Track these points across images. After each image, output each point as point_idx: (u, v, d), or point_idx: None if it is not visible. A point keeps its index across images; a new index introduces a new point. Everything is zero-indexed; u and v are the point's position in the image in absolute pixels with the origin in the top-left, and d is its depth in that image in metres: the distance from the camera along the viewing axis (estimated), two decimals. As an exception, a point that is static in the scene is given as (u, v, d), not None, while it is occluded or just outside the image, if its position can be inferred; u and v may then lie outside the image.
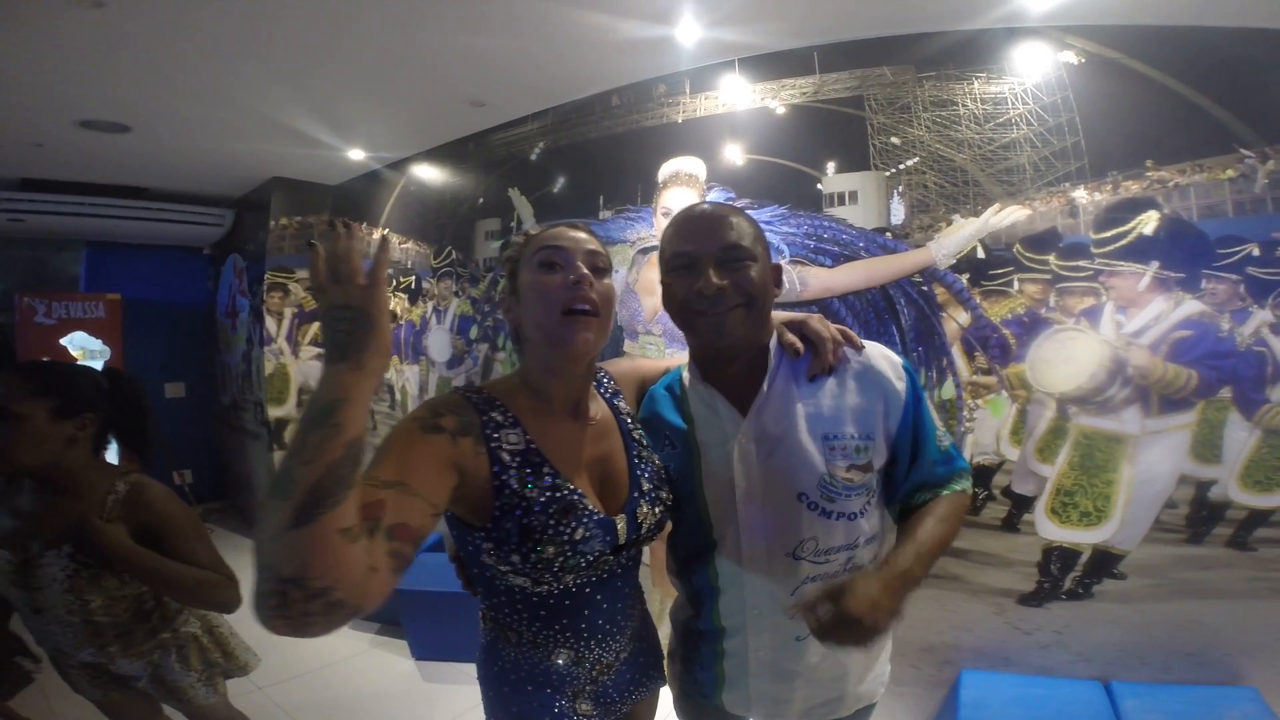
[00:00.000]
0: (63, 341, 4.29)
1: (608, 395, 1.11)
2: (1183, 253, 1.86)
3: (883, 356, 1.05)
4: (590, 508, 0.92)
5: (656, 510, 1.01)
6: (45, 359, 1.55)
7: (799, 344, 1.05)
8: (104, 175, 4.08)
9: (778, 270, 1.07)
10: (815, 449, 1.00)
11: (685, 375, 1.11)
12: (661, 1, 2.05)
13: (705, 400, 1.06)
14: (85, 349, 4.39)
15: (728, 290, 0.97)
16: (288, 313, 4.34)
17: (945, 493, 1.05)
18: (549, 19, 2.15)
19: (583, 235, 1.01)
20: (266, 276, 4.23)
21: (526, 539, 0.86)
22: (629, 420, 1.09)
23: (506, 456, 0.89)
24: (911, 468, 1.05)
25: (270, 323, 4.26)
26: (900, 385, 1.03)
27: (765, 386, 1.02)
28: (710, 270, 0.97)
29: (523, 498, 0.88)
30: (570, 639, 0.96)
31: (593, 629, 0.98)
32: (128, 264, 4.80)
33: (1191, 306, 1.85)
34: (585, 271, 0.95)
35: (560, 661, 0.96)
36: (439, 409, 0.88)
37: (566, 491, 0.90)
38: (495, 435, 0.90)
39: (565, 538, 0.88)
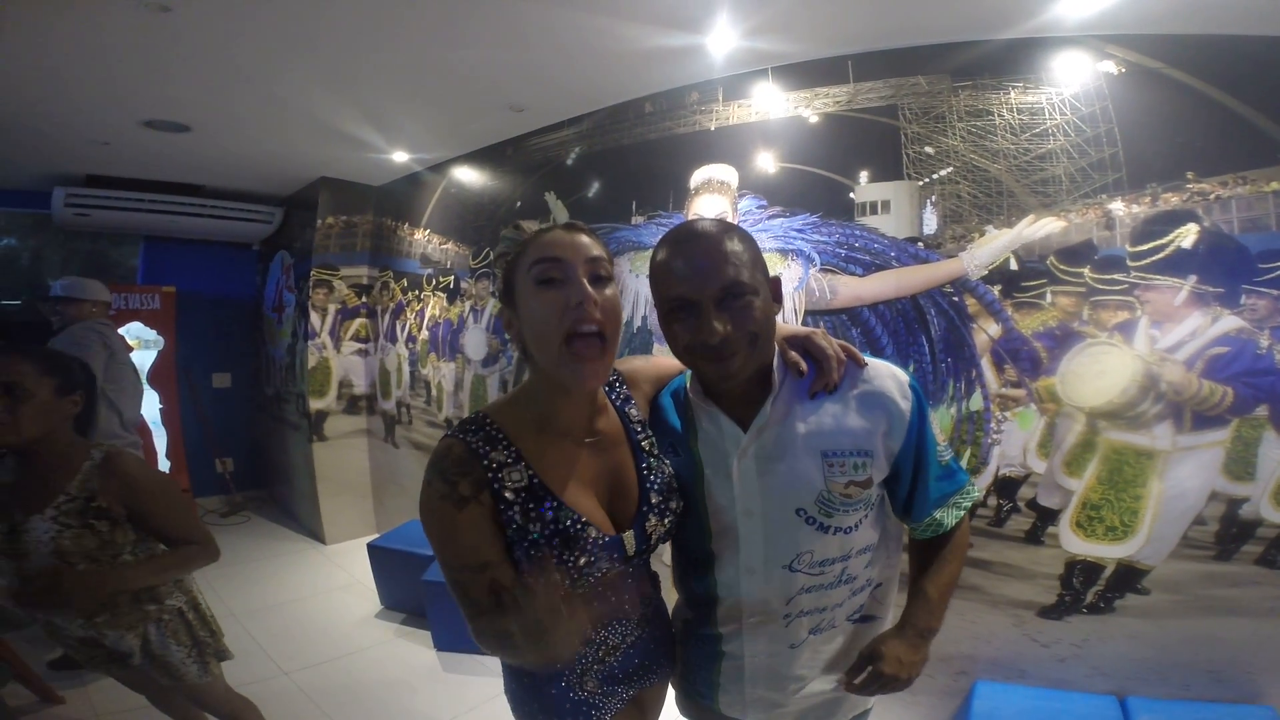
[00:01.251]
0: (120, 331, 4.49)
1: (619, 402, 1.10)
2: (1222, 267, 1.82)
3: (889, 375, 1.04)
4: (593, 535, 0.94)
5: (666, 521, 1.04)
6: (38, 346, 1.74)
7: (802, 363, 1.04)
8: (164, 173, 4.27)
9: (777, 284, 1.03)
10: (814, 466, 1.00)
11: (689, 384, 1.11)
12: (695, 10, 2.09)
13: (707, 414, 1.06)
14: (141, 339, 4.59)
15: (732, 335, 0.94)
16: (331, 309, 4.49)
17: (950, 523, 1.08)
18: (584, 28, 2.21)
19: (582, 239, 0.95)
20: (312, 273, 4.39)
21: (534, 565, 0.91)
22: (639, 429, 1.09)
23: (510, 495, 0.92)
24: (914, 484, 1.05)
25: (314, 318, 4.41)
26: (905, 404, 1.02)
27: (768, 407, 1.02)
28: (711, 315, 0.93)
29: (527, 532, 0.92)
30: None
31: (600, 615, 1.02)
32: (182, 258, 5.02)
33: (1229, 322, 1.81)
34: (589, 290, 0.91)
35: None
36: (452, 476, 0.91)
37: (569, 523, 0.93)
38: (498, 477, 0.93)
39: (570, 564, 0.92)
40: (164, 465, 4.62)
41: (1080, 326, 1.99)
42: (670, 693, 1.25)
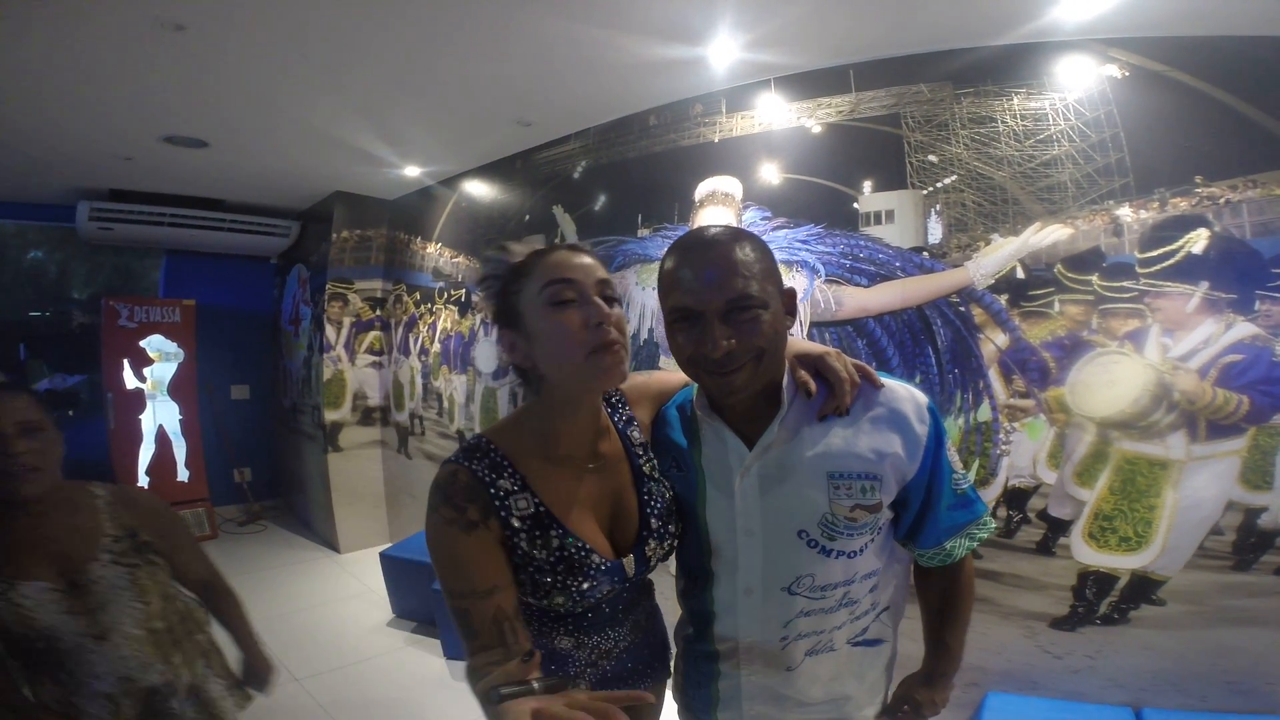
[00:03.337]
0: (142, 344, 4.60)
1: (621, 424, 1.10)
2: (1234, 272, 1.79)
3: (907, 397, 1.00)
4: (596, 561, 0.95)
5: (665, 544, 1.04)
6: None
7: (812, 384, 1.00)
8: (184, 188, 4.35)
9: (791, 296, 0.99)
10: (820, 487, 0.97)
11: (695, 398, 1.08)
12: (695, 22, 2.10)
13: (713, 429, 1.04)
14: (162, 351, 4.69)
15: (736, 350, 0.90)
16: (346, 322, 4.55)
17: (960, 554, 1.05)
18: (586, 40, 2.23)
19: (589, 261, 0.96)
20: (328, 287, 4.45)
21: (538, 589, 0.94)
22: (640, 453, 1.08)
23: (516, 523, 0.93)
24: (924, 511, 1.02)
25: (330, 331, 4.47)
26: (921, 428, 0.98)
27: (775, 427, 0.98)
28: (715, 328, 0.89)
29: (532, 558, 0.93)
30: (572, 629, 1.03)
31: (594, 623, 1.03)
32: (202, 272, 5.12)
33: (1243, 329, 1.78)
34: (606, 310, 0.92)
35: (563, 645, 1.03)
36: (459, 502, 0.92)
37: (574, 550, 0.94)
38: (505, 504, 0.93)
39: (573, 589, 0.94)
40: (183, 475, 4.71)
41: (1089, 335, 1.96)
42: (672, 704, 1.24)
